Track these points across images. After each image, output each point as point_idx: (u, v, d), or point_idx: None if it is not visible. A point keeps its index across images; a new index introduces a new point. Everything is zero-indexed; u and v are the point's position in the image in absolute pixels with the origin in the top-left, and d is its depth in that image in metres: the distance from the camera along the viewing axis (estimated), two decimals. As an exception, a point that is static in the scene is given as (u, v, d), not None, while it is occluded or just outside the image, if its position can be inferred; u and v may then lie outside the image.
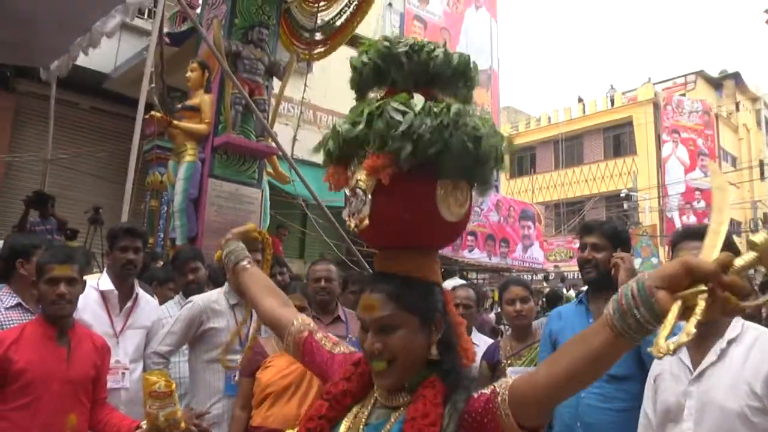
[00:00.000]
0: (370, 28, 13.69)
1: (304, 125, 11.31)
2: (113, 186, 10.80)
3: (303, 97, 10.03)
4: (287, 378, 2.94)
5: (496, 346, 3.81)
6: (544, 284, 18.48)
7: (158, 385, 2.46)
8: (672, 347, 0.94)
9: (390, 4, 16.15)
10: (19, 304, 3.10)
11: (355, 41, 12.57)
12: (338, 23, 9.55)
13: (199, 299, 3.53)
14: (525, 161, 31.31)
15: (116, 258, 3.38)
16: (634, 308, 1.01)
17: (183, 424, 2.54)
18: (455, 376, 1.37)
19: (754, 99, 32.16)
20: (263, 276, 1.90)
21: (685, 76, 30.31)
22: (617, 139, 28.65)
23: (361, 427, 1.40)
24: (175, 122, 7.13)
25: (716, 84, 30.40)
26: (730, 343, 2.03)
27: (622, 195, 24.67)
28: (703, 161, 26.72)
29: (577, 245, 3.10)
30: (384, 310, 1.38)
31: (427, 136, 1.35)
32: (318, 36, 9.87)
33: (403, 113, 1.38)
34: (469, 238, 16.59)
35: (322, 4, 9.66)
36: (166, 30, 9.78)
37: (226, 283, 3.60)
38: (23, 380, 2.51)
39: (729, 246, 1.11)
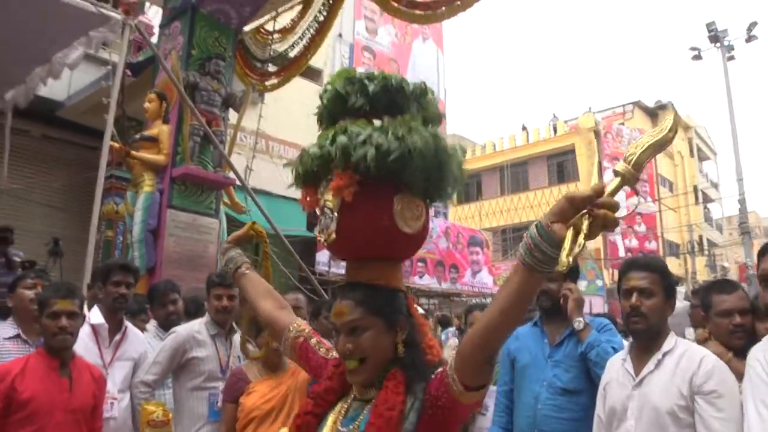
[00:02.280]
0: (320, 59, 13.92)
1: (257, 155, 11.37)
2: (67, 215, 10.63)
3: (258, 128, 10.13)
4: (270, 402, 3.04)
5: None
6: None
7: (156, 414, 2.62)
8: (569, 260, 1.17)
9: (340, 35, 16.45)
10: (17, 336, 3.24)
11: (308, 73, 12.80)
12: (291, 55, 9.73)
13: (182, 329, 3.64)
14: (471, 188, 31.83)
15: (109, 292, 3.51)
16: (539, 243, 1.23)
17: None
18: (416, 369, 1.54)
19: (687, 128, 33.57)
20: (261, 280, 2.09)
21: (624, 105, 31.43)
22: (560, 166, 29.44)
23: (340, 419, 1.59)
24: (134, 153, 7.15)
25: (652, 113, 31.58)
26: (665, 354, 2.39)
27: (566, 220, 25.15)
28: (644, 187, 27.74)
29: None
30: (352, 314, 1.57)
31: (385, 145, 1.55)
32: (271, 67, 10.04)
33: (363, 129, 1.60)
34: (419, 264, 16.84)
35: (276, 36, 9.82)
36: (121, 60, 9.76)
37: (207, 314, 3.73)
38: (28, 410, 2.61)
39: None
